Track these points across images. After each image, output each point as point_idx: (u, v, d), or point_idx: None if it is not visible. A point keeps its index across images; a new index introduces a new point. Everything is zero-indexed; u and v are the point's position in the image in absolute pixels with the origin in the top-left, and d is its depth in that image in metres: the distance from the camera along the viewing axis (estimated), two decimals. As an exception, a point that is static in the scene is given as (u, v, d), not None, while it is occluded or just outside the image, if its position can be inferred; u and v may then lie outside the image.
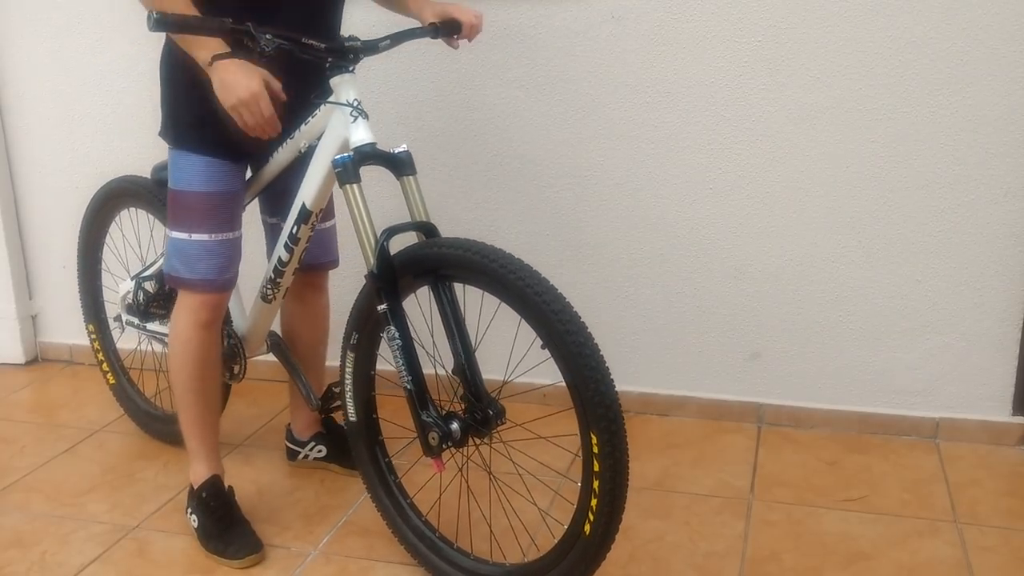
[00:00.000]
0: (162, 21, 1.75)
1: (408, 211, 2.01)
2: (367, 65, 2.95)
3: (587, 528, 1.82)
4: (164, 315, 2.61)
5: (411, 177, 2.01)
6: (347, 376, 2.14)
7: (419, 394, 1.93)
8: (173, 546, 2.29)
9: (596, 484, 1.78)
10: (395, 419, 2.18)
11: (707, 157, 2.67)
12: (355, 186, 1.95)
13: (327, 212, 2.37)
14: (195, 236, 2.14)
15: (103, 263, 2.93)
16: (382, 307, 1.92)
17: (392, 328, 1.91)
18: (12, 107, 3.22)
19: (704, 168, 2.68)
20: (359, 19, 2.54)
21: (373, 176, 2.06)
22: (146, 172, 2.63)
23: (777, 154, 2.62)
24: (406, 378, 1.92)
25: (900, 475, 2.52)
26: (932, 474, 2.52)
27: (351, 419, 2.18)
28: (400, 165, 2.00)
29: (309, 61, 1.93)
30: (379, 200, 2.13)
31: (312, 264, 2.38)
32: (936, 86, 2.47)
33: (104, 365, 2.95)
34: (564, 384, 1.80)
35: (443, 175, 2.87)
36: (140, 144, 3.09)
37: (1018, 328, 2.59)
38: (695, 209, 2.71)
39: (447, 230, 3.03)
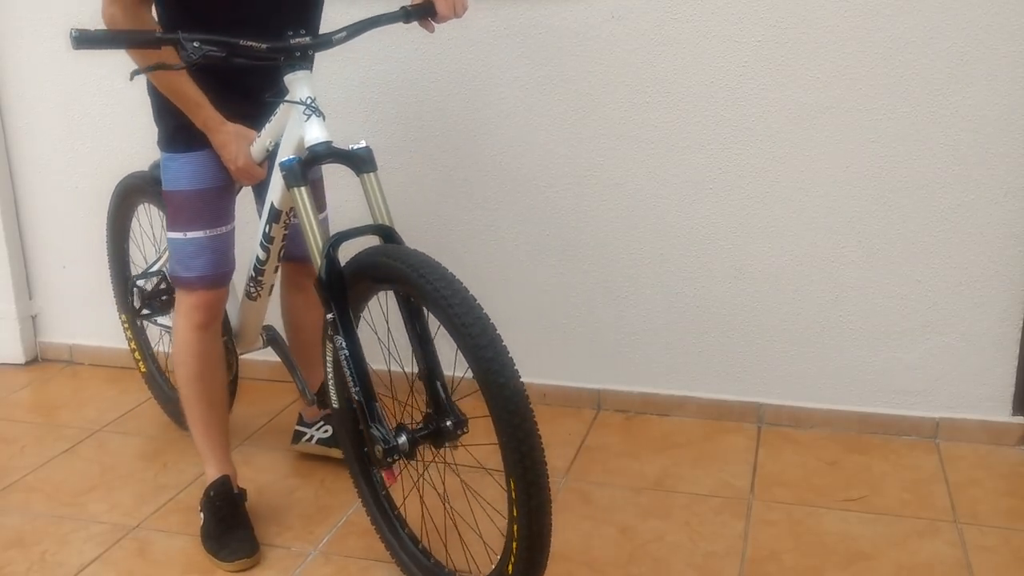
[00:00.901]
0: (82, 39, 1.70)
1: (369, 211, 1.97)
2: (367, 65, 2.95)
3: (510, 568, 1.80)
4: (157, 311, 2.71)
5: (371, 174, 1.95)
6: (328, 364, 2.10)
7: (367, 405, 1.88)
8: (173, 546, 2.29)
9: (515, 529, 1.74)
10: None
11: (707, 157, 2.67)
12: (302, 189, 1.92)
13: (319, 205, 2.35)
14: (190, 234, 2.17)
15: (130, 255, 2.96)
16: (330, 316, 1.89)
17: (339, 338, 1.88)
18: (12, 107, 3.22)
19: (704, 168, 2.68)
20: (359, 17, 2.54)
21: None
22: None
23: (777, 154, 2.62)
24: (354, 389, 1.88)
25: (900, 475, 2.52)
26: (932, 474, 2.52)
27: (334, 406, 2.14)
28: (358, 162, 1.95)
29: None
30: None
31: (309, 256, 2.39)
32: (936, 86, 2.47)
33: (136, 354, 2.98)
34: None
35: (443, 175, 2.87)
36: (140, 144, 3.08)
37: (1018, 328, 2.59)
38: (695, 209, 2.71)
39: (447, 230, 3.04)
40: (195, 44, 1.78)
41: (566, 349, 2.92)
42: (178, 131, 2.13)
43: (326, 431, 2.59)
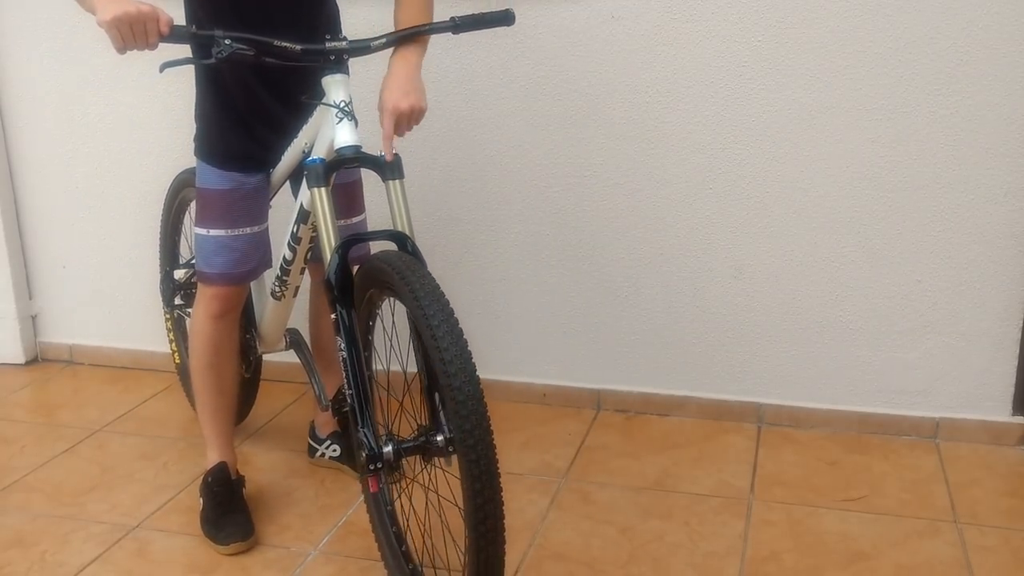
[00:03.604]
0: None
1: (390, 216, 1.98)
2: (368, 64, 2.94)
3: None
4: (190, 302, 2.69)
5: (395, 182, 1.97)
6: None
7: (360, 408, 1.89)
8: (173, 546, 2.29)
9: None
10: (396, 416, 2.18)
11: (707, 157, 2.67)
12: (322, 190, 1.94)
13: (355, 207, 2.37)
14: (212, 232, 2.21)
15: (180, 250, 2.96)
16: (333, 316, 1.91)
17: (339, 339, 1.90)
18: (12, 107, 3.22)
19: (704, 168, 2.68)
20: (363, 17, 2.54)
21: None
22: (147, 172, 2.64)
23: (777, 154, 2.62)
24: (348, 391, 1.90)
25: (900, 475, 2.52)
26: (932, 474, 2.52)
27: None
28: (384, 168, 1.97)
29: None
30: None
31: None
32: (936, 86, 2.47)
33: (173, 344, 3.00)
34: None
35: (443, 175, 2.87)
36: (140, 144, 3.09)
37: (1018, 328, 2.59)
38: (695, 209, 2.71)
39: (447, 230, 3.04)
40: (227, 42, 1.82)
41: (566, 349, 2.92)
42: (205, 143, 2.20)
43: (335, 450, 2.60)
